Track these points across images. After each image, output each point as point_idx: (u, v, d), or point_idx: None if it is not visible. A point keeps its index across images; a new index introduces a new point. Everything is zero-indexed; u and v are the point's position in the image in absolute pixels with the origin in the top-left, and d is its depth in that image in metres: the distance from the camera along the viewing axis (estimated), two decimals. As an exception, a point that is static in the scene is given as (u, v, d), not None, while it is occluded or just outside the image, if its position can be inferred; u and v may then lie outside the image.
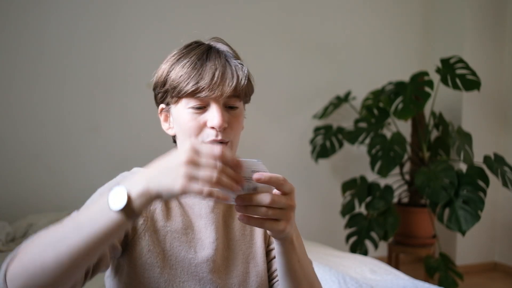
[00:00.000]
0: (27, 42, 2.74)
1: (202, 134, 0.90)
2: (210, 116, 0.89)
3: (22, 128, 2.74)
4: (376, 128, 3.03)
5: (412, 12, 3.82)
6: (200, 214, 0.95)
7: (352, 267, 2.07)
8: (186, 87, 0.88)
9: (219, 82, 0.88)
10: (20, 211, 2.65)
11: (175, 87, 0.90)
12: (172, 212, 0.93)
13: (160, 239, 0.90)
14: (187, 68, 0.89)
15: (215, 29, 3.13)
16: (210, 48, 0.93)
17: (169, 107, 0.94)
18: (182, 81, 0.89)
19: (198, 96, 0.88)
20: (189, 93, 0.88)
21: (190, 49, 0.93)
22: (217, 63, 0.89)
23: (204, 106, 0.89)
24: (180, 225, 0.92)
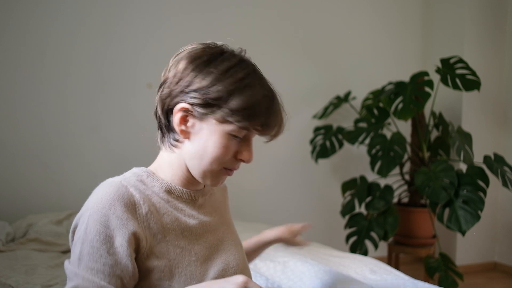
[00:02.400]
0: (28, 42, 2.74)
1: (227, 161, 0.92)
2: (245, 150, 0.92)
3: (22, 128, 2.75)
4: (376, 128, 3.03)
5: (412, 12, 3.82)
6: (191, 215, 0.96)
7: (352, 267, 2.07)
8: (252, 122, 0.89)
9: (279, 127, 0.93)
10: (20, 211, 2.65)
11: (235, 114, 0.87)
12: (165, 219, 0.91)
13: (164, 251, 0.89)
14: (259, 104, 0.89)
15: (216, 29, 3.14)
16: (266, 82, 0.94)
17: (204, 116, 0.89)
18: (250, 115, 0.88)
19: (255, 132, 0.91)
20: (248, 127, 0.89)
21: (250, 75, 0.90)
22: (280, 110, 0.93)
23: (243, 136, 0.92)
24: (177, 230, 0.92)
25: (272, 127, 0.91)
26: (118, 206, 0.84)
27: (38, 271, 1.84)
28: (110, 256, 0.82)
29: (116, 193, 0.85)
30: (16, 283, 1.66)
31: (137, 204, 0.87)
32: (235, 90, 0.87)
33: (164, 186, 0.94)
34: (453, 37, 3.63)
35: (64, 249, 2.18)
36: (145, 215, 0.87)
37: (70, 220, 2.53)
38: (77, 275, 0.81)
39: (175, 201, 0.94)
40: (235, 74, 0.89)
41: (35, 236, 2.28)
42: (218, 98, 0.87)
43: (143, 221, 0.86)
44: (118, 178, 0.91)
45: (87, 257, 0.81)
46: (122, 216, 0.84)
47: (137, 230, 0.84)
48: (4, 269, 1.80)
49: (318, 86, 3.49)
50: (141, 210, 0.87)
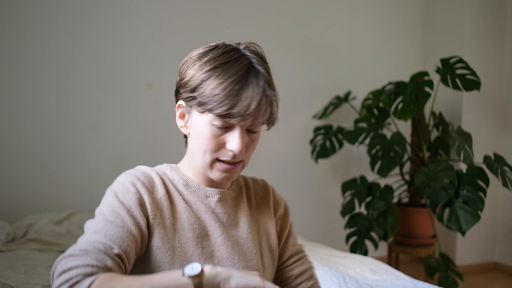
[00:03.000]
0: (28, 42, 2.74)
1: (219, 153, 0.91)
2: (231, 139, 0.89)
3: (22, 128, 2.75)
4: (376, 128, 3.03)
5: (412, 12, 3.82)
6: (204, 211, 0.97)
7: (352, 267, 2.07)
8: (219, 108, 0.86)
9: (253, 113, 0.87)
10: (20, 211, 2.65)
11: (206, 102, 0.87)
12: (177, 209, 0.95)
13: (170, 236, 0.91)
14: (225, 89, 0.86)
15: (216, 29, 3.14)
16: (249, 68, 0.90)
17: (190, 108, 0.92)
18: (217, 101, 0.86)
19: (228, 120, 0.87)
20: (221, 114, 0.86)
21: (229, 63, 0.89)
22: (255, 93, 0.87)
23: (227, 126, 0.89)
24: (186, 221, 0.94)
25: (245, 114, 0.86)
26: (139, 183, 0.92)
27: (38, 271, 1.84)
28: (129, 215, 0.88)
29: (141, 174, 0.94)
30: (16, 283, 1.66)
31: (155, 188, 0.94)
32: (207, 79, 0.87)
33: (183, 179, 0.98)
34: (453, 37, 3.63)
35: (64, 249, 2.18)
36: (160, 199, 0.93)
37: (70, 220, 2.53)
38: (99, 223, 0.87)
39: (190, 195, 0.97)
40: (213, 63, 0.89)
41: (35, 236, 2.28)
42: (194, 89, 0.89)
43: (157, 203, 0.93)
44: (145, 167, 0.98)
45: (108, 213, 0.88)
46: (140, 189, 0.91)
47: (150, 205, 0.91)
48: (4, 269, 1.80)
49: (318, 86, 3.49)
50: (157, 193, 0.93)
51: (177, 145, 3.53)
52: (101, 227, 0.85)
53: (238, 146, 0.89)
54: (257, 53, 0.96)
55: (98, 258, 0.80)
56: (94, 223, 0.87)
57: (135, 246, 0.87)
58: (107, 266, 0.80)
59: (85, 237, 0.85)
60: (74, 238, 2.28)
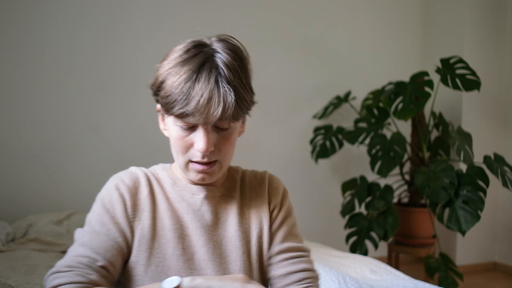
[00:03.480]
0: (28, 42, 2.74)
1: (189, 154, 0.90)
2: (196, 139, 0.87)
3: (22, 128, 2.75)
4: (376, 128, 3.03)
5: (412, 12, 3.82)
6: (189, 211, 0.95)
7: (352, 267, 2.07)
8: (173, 109, 0.84)
9: (203, 109, 0.83)
10: (20, 211, 2.65)
11: (166, 103, 0.86)
12: (159, 209, 0.94)
13: (148, 237, 0.91)
14: (177, 88, 0.84)
15: (216, 29, 3.13)
16: (204, 63, 0.85)
17: (161, 111, 0.92)
18: (172, 101, 0.84)
19: (185, 119, 0.85)
20: (176, 114, 0.85)
21: (188, 59, 0.87)
22: (204, 87, 0.83)
23: (192, 126, 0.87)
24: (168, 221, 0.93)
25: (196, 111, 0.83)
26: (123, 185, 0.93)
27: (38, 271, 1.84)
28: (114, 224, 0.90)
29: (126, 176, 0.95)
30: (16, 283, 1.66)
31: (139, 188, 0.94)
32: (167, 77, 0.86)
33: (172, 179, 0.98)
34: (453, 37, 3.63)
35: (64, 249, 2.18)
36: (143, 199, 0.93)
37: (70, 220, 2.53)
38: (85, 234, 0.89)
39: (176, 194, 0.96)
40: (175, 60, 0.87)
41: (35, 236, 2.28)
42: (158, 88, 0.88)
43: (139, 204, 0.93)
44: (137, 167, 0.99)
45: (95, 222, 0.90)
46: (123, 192, 0.92)
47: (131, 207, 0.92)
48: (4, 269, 1.80)
49: (318, 86, 3.49)
50: (140, 193, 0.94)
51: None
52: (87, 239, 0.88)
53: (203, 145, 0.86)
54: (227, 45, 0.90)
55: (82, 274, 0.83)
56: (82, 234, 0.90)
57: (121, 254, 0.89)
58: (91, 280, 0.83)
59: (72, 251, 0.88)
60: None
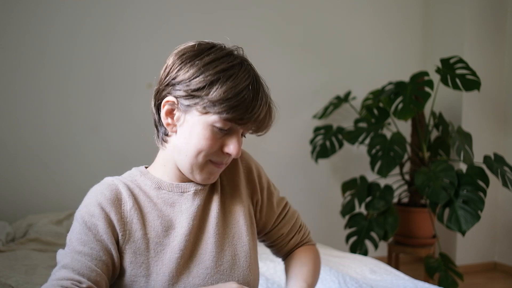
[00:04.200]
0: (28, 42, 2.74)
1: (213, 154, 0.91)
2: (230, 143, 0.91)
3: (22, 128, 2.75)
4: (376, 128, 3.03)
5: (412, 12, 3.82)
6: (181, 210, 0.95)
7: (352, 267, 2.07)
8: (230, 114, 0.86)
9: (259, 121, 0.90)
10: (20, 211, 2.65)
11: (216, 105, 0.86)
12: (149, 218, 0.93)
13: (142, 248, 0.90)
14: (238, 95, 0.86)
15: (216, 29, 3.14)
16: (255, 77, 0.91)
17: (187, 108, 0.89)
18: (229, 106, 0.86)
19: (235, 125, 0.89)
20: (229, 119, 0.87)
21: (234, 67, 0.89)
22: (263, 102, 0.90)
23: (227, 129, 0.90)
24: (160, 228, 0.92)
25: (254, 121, 0.89)
26: (105, 200, 0.90)
27: (38, 271, 1.84)
28: (97, 241, 0.88)
29: (106, 189, 0.92)
30: (16, 283, 1.66)
31: (122, 200, 0.92)
32: (217, 81, 0.86)
33: (155, 183, 0.96)
34: (453, 37, 3.63)
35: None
36: (129, 211, 0.91)
37: (70, 220, 2.53)
38: (66, 256, 0.87)
39: (164, 196, 0.95)
40: (219, 66, 0.88)
41: (35, 236, 2.28)
42: (200, 89, 0.87)
43: (126, 216, 0.91)
44: (112, 177, 0.96)
45: (76, 242, 0.88)
46: (106, 208, 0.89)
47: (118, 222, 0.90)
48: (4, 269, 1.80)
49: (318, 86, 3.49)
50: (125, 206, 0.91)
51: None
52: (69, 260, 0.86)
53: (237, 149, 0.90)
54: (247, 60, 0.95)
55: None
56: (63, 256, 0.88)
57: (106, 272, 0.88)
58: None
59: (54, 273, 0.86)
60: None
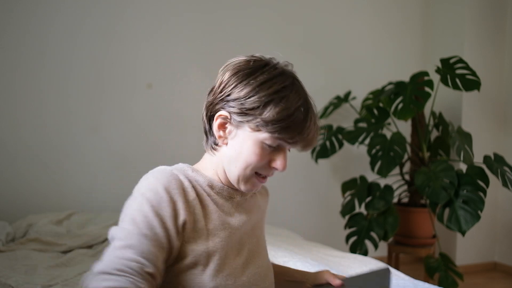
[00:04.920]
0: (28, 42, 2.74)
1: (261, 168, 0.97)
2: (277, 158, 0.97)
3: (22, 128, 2.75)
4: (376, 128, 3.03)
5: (412, 12, 3.82)
6: (231, 210, 1.01)
7: (352, 267, 2.07)
8: (282, 134, 0.93)
9: (310, 141, 0.98)
10: (20, 211, 2.65)
11: (268, 125, 0.93)
12: (208, 210, 0.97)
13: (203, 238, 0.94)
14: (290, 117, 0.93)
15: (216, 30, 3.14)
16: (306, 98, 0.98)
17: (240, 123, 0.96)
18: (281, 126, 0.92)
19: (284, 144, 0.96)
20: (280, 138, 0.94)
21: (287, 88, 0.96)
22: (313, 124, 0.97)
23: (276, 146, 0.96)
24: (218, 221, 0.97)
25: (303, 140, 0.96)
26: (173, 188, 0.92)
27: (38, 271, 1.84)
28: (163, 229, 0.88)
29: (170, 177, 0.93)
30: (16, 283, 1.66)
31: (185, 190, 0.94)
32: (270, 102, 0.93)
33: (207, 181, 1.00)
34: (453, 37, 3.63)
35: (64, 249, 2.18)
36: (192, 201, 0.94)
37: (70, 220, 2.53)
38: (133, 236, 0.86)
39: (215, 195, 1.00)
40: (272, 86, 0.94)
41: (35, 236, 2.28)
42: (254, 108, 0.93)
43: (190, 206, 0.93)
44: (169, 167, 0.98)
45: (142, 224, 0.87)
46: (174, 195, 0.91)
47: (184, 210, 0.92)
48: (4, 269, 1.80)
49: (318, 86, 3.49)
50: (189, 196, 0.94)
51: (177, 145, 3.51)
52: (135, 241, 0.86)
53: (283, 165, 0.97)
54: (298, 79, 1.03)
55: (133, 281, 0.81)
56: (127, 234, 0.87)
57: (166, 259, 0.90)
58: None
59: (118, 251, 0.85)
60: (74, 238, 2.28)
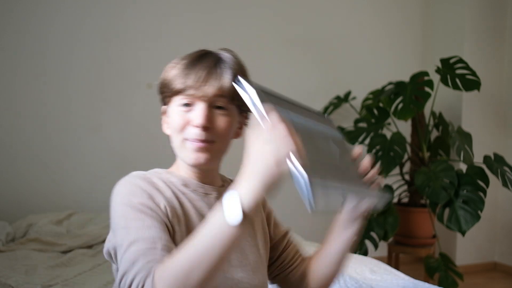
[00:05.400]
0: (28, 42, 2.74)
1: (186, 131, 0.95)
2: (194, 114, 0.94)
3: (22, 128, 2.75)
4: (376, 128, 3.03)
5: (412, 12, 3.82)
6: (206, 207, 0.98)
7: (352, 267, 2.07)
8: (176, 85, 0.95)
9: (202, 82, 0.93)
10: (20, 211, 2.65)
11: (168, 86, 0.97)
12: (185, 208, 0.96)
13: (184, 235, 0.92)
14: (181, 68, 0.96)
15: (216, 30, 3.14)
16: (208, 53, 0.99)
17: (166, 107, 1.01)
18: (174, 80, 0.95)
19: (185, 94, 0.94)
20: (178, 91, 0.95)
21: (191, 53, 0.99)
22: (205, 65, 0.95)
23: (192, 104, 0.95)
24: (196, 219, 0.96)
25: (195, 84, 0.93)
26: (145, 186, 0.92)
27: (38, 271, 1.84)
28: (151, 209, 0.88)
29: (143, 179, 0.94)
30: (16, 283, 1.66)
31: (161, 190, 0.94)
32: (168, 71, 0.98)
33: (181, 180, 0.99)
34: (453, 37, 3.63)
35: (64, 249, 2.18)
36: (170, 198, 0.94)
37: (70, 220, 2.53)
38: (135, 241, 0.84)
39: (191, 193, 0.99)
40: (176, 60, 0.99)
41: (35, 236, 2.28)
42: (162, 84, 1.00)
43: (170, 202, 0.93)
44: (141, 171, 0.98)
45: (134, 223, 0.86)
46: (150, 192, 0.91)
47: (166, 204, 0.91)
48: (4, 269, 1.80)
49: (318, 86, 3.49)
50: (166, 193, 0.94)
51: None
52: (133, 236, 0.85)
53: (199, 118, 0.92)
54: (228, 50, 1.01)
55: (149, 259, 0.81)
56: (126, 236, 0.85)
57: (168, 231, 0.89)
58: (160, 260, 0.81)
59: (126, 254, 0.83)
60: (74, 238, 2.28)
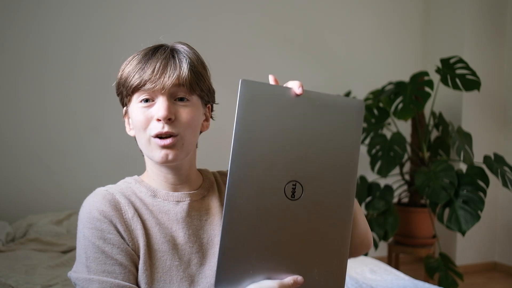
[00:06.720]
0: (30, 43, 2.74)
1: (150, 128, 0.91)
2: (155, 108, 0.91)
3: (22, 128, 2.75)
4: (376, 128, 3.03)
5: (412, 12, 3.82)
6: (176, 219, 0.95)
7: (352, 267, 2.07)
8: (132, 81, 0.91)
9: (159, 74, 0.89)
10: (20, 211, 2.65)
11: (125, 84, 0.93)
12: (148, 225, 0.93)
13: (146, 256, 0.90)
14: (135, 63, 0.93)
15: (216, 30, 3.14)
16: (162, 46, 0.96)
17: (127, 107, 0.97)
18: (129, 76, 0.92)
19: (143, 89, 0.90)
20: (135, 87, 0.91)
21: (144, 48, 0.96)
22: (160, 57, 0.91)
23: (152, 99, 0.91)
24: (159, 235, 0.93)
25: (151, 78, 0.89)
26: (106, 210, 0.89)
27: (38, 271, 1.84)
28: (116, 256, 0.87)
29: (103, 199, 0.91)
30: (16, 283, 1.66)
31: (123, 209, 0.91)
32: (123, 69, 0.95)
33: (150, 190, 0.96)
34: (453, 37, 3.63)
35: (64, 249, 2.18)
36: (131, 219, 0.91)
37: (70, 220, 2.53)
38: (92, 281, 0.85)
39: (160, 205, 0.95)
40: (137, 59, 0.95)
41: (35, 236, 2.28)
42: (119, 84, 0.97)
43: (130, 225, 0.91)
44: (105, 187, 0.95)
45: (95, 262, 0.86)
46: (112, 218, 0.89)
47: (125, 233, 0.89)
48: (4, 269, 1.80)
49: (318, 86, 3.49)
50: (127, 214, 0.91)
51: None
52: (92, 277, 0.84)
53: (162, 111, 0.89)
54: (183, 43, 0.99)
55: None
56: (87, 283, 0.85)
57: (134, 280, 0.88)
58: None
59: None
60: (74, 238, 2.29)
